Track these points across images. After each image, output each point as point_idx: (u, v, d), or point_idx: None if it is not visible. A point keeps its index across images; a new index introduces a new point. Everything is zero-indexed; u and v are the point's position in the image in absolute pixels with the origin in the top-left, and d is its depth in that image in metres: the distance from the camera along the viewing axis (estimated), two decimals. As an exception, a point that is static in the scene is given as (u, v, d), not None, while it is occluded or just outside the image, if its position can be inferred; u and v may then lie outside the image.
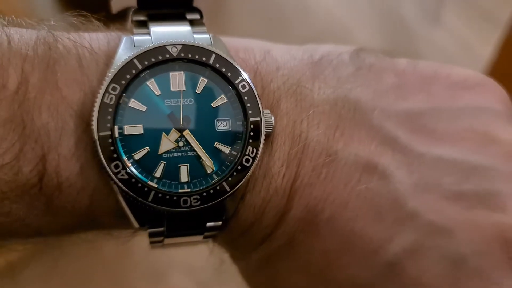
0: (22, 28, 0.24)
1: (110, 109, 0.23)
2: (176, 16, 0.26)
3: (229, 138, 0.25)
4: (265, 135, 0.25)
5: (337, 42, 0.31)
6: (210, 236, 0.26)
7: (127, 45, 0.24)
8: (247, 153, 0.24)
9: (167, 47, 0.24)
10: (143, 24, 0.26)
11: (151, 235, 0.25)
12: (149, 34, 0.25)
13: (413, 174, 0.26)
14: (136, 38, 0.25)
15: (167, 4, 0.26)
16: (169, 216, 0.24)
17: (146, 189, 0.23)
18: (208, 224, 0.25)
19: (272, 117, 0.25)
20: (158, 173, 0.24)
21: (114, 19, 0.27)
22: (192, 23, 0.26)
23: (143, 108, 0.24)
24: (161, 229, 0.25)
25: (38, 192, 0.22)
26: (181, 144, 0.24)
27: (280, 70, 0.27)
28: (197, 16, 0.26)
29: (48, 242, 0.28)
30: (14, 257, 0.56)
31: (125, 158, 0.23)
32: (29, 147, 0.22)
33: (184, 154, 0.24)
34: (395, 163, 0.26)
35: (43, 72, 0.23)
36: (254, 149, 0.25)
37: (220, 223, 0.25)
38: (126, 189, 0.23)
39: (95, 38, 0.25)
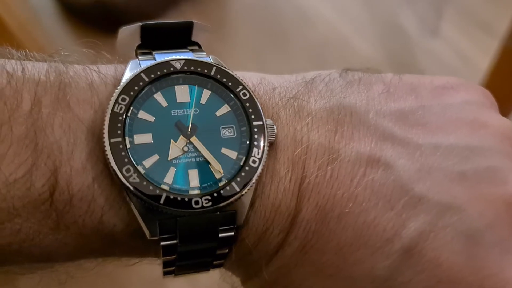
0: (35, 61, 0.26)
1: (120, 118, 0.24)
2: (178, 46, 0.28)
3: (234, 143, 0.26)
4: (269, 143, 0.26)
5: (336, 53, 0.33)
6: (221, 255, 0.26)
7: (133, 66, 0.26)
8: (253, 155, 0.25)
9: (171, 62, 0.26)
10: (147, 53, 0.27)
11: (164, 251, 0.25)
12: (154, 59, 0.26)
13: (415, 162, 0.27)
14: (141, 61, 0.26)
15: (169, 40, 0.28)
16: (181, 224, 0.24)
17: (157, 191, 0.24)
18: (221, 234, 0.25)
19: (275, 126, 0.26)
20: (168, 179, 0.24)
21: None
22: (192, 51, 0.28)
23: (151, 118, 0.25)
24: (174, 241, 0.25)
25: (49, 208, 0.23)
26: (189, 150, 0.25)
27: (276, 89, 0.28)
28: (196, 48, 0.28)
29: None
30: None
31: (135, 163, 0.24)
32: (41, 161, 0.23)
33: (193, 159, 0.25)
34: (396, 155, 0.27)
35: (55, 94, 0.24)
36: (260, 151, 0.26)
37: (232, 233, 0.25)
38: (138, 192, 0.23)
39: (103, 66, 0.26)
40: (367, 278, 0.26)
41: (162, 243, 0.25)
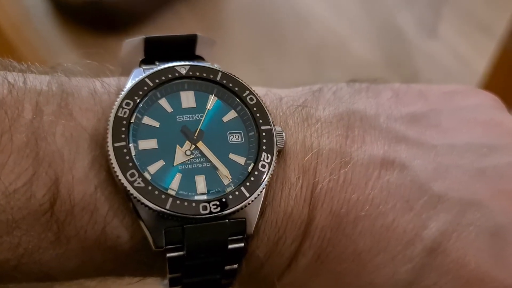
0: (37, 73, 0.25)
1: (124, 122, 0.24)
2: (181, 59, 0.27)
3: (242, 149, 0.25)
4: (278, 151, 0.25)
5: (333, 54, 0.33)
6: (230, 272, 0.25)
7: (137, 75, 0.25)
8: (262, 159, 0.25)
9: (176, 67, 0.26)
10: (151, 64, 0.27)
11: (170, 265, 0.24)
12: (157, 66, 0.26)
13: (431, 162, 0.26)
14: (145, 70, 0.26)
15: (172, 53, 0.27)
16: (188, 233, 0.23)
17: (163, 196, 0.23)
18: (230, 246, 0.24)
19: (283, 133, 0.25)
20: (174, 185, 0.24)
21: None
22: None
23: (156, 124, 0.24)
24: (181, 253, 0.23)
25: (49, 219, 0.22)
26: (195, 155, 0.24)
27: (283, 99, 0.28)
28: (200, 60, 0.28)
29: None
30: None
31: (140, 168, 0.23)
32: (42, 170, 0.22)
33: (200, 165, 0.24)
34: (411, 156, 0.26)
35: (57, 103, 0.23)
36: (269, 155, 0.25)
37: (242, 244, 0.24)
38: (143, 198, 0.22)
39: (107, 78, 0.26)
40: (388, 284, 0.25)
41: (168, 255, 0.23)
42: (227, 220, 0.24)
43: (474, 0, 0.82)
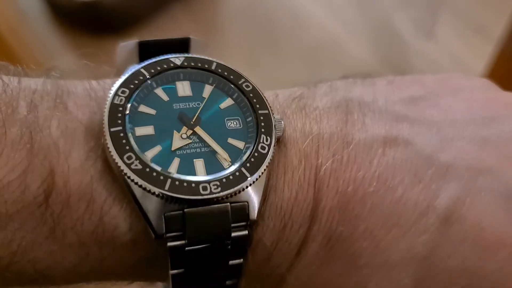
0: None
1: (121, 109, 0.23)
2: None
3: (241, 134, 0.25)
4: (277, 138, 0.25)
5: (329, 55, 0.34)
6: (235, 269, 0.24)
7: (133, 70, 0.25)
8: (261, 141, 0.24)
9: (170, 58, 0.26)
10: None
11: (172, 256, 0.23)
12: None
13: (435, 136, 0.26)
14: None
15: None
16: (188, 217, 0.23)
17: (162, 177, 0.22)
18: (234, 234, 0.23)
19: (282, 121, 0.25)
20: (173, 168, 0.23)
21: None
22: None
23: (152, 112, 0.24)
24: (182, 242, 0.23)
25: (44, 212, 0.22)
26: (194, 140, 0.24)
27: (279, 95, 0.28)
28: None
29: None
30: None
31: (137, 152, 0.23)
32: (37, 162, 0.22)
33: (198, 150, 0.24)
34: (414, 132, 0.26)
35: (52, 100, 0.23)
36: (268, 137, 0.24)
37: (246, 232, 0.24)
38: (141, 179, 0.22)
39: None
40: (405, 260, 0.24)
41: (169, 244, 0.23)
42: (228, 204, 0.23)
43: (471, 2, 0.82)
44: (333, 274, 0.25)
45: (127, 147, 0.23)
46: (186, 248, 0.23)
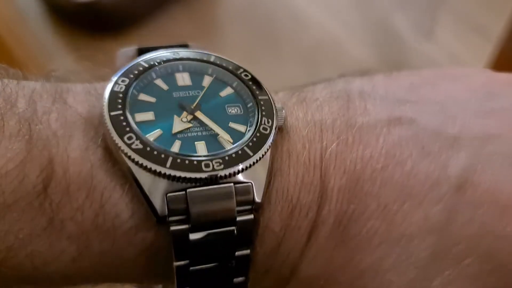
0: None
1: (121, 95, 0.23)
2: None
3: (242, 119, 0.25)
4: (278, 128, 0.25)
5: (329, 56, 0.35)
6: (242, 260, 0.24)
7: None
8: (263, 123, 0.24)
9: (169, 53, 0.26)
10: None
11: (175, 243, 0.22)
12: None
13: (438, 113, 0.26)
14: None
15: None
16: (191, 197, 0.22)
17: (163, 156, 0.22)
18: (239, 218, 0.23)
19: (284, 110, 0.25)
20: (174, 149, 0.23)
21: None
22: None
23: (152, 99, 0.24)
24: (186, 226, 0.22)
25: (43, 202, 0.21)
26: (194, 125, 0.24)
27: (279, 93, 0.28)
28: None
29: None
30: None
31: (138, 132, 0.23)
32: (36, 152, 0.21)
33: (199, 133, 0.24)
34: (417, 111, 0.26)
35: (51, 97, 0.23)
36: (269, 120, 0.24)
37: (251, 216, 0.23)
38: (141, 158, 0.22)
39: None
40: (422, 231, 0.24)
41: (172, 228, 0.22)
42: (232, 184, 0.23)
43: (470, 2, 0.82)
44: (348, 256, 0.25)
45: (128, 129, 0.23)
46: (190, 236, 0.23)
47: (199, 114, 0.24)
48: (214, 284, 0.25)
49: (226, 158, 0.23)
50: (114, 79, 0.24)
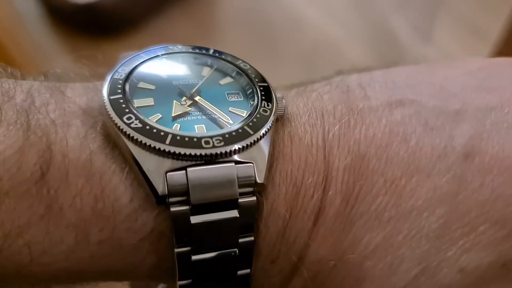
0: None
1: (120, 82, 0.24)
2: None
3: (242, 104, 0.25)
4: (280, 116, 0.25)
5: (326, 58, 0.35)
6: (247, 246, 0.23)
7: None
8: (263, 106, 0.25)
9: (170, 46, 0.27)
10: None
11: (176, 224, 0.22)
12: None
13: (438, 93, 0.26)
14: None
15: None
16: (192, 176, 0.22)
17: (162, 133, 0.22)
18: (241, 200, 0.23)
19: (284, 100, 0.25)
20: (174, 130, 0.23)
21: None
22: None
23: (152, 87, 0.25)
24: (186, 207, 0.22)
25: (41, 189, 0.21)
26: (194, 109, 0.24)
27: (278, 90, 0.28)
28: None
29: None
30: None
31: (138, 114, 0.23)
32: (35, 138, 0.21)
33: (199, 117, 0.24)
34: (417, 95, 0.26)
35: (49, 92, 0.23)
36: (269, 103, 0.25)
37: (254, 198, 0.23)
38: (141, 135, 0.22)
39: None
40: (433, 202, 0.24)
41: (172, 209, 0.22)
42: (233, 163, 0.23)
43: (469, 4, 0.82)
44: (358, 235, 0.24)
45: (127, 110, 0.23)
46: (191, 220, 0.22)
47: (199, 99, 0.25)
48: (217, 276, 0.24)
49: (226, 135, 0.23)
50: (115, 68, 0.25)
